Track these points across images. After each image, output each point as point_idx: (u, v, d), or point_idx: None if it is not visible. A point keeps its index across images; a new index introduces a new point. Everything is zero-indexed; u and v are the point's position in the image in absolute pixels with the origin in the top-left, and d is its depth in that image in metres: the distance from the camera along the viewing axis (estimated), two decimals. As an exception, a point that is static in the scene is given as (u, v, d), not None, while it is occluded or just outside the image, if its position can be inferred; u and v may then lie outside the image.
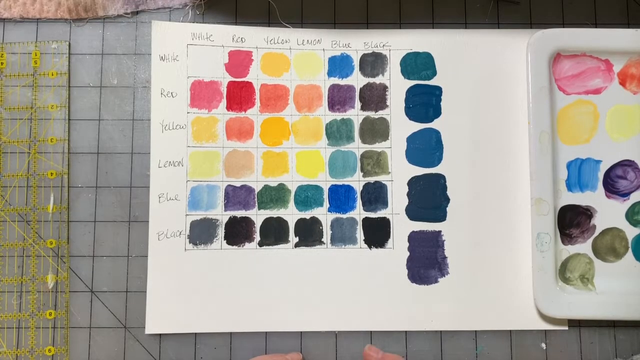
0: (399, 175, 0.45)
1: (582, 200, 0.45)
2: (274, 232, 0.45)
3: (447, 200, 0.45)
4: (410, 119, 0.46)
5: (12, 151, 0.45)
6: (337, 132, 0.46)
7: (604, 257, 0.45)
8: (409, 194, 0.45)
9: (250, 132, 0.46)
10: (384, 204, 0.45)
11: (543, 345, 0.44)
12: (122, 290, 0.44)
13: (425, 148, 0.46)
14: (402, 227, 0.45)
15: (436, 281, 0.44)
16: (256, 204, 0.45)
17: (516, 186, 0.45)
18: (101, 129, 0.46)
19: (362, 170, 0.45)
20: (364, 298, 0.44)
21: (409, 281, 0.44)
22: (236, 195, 0.45)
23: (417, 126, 0.46)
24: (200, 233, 0.44)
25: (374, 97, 0.46)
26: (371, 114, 0.46)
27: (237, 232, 0.45)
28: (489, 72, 0.46)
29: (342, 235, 0.45)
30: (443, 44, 0.46)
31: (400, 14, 0.47)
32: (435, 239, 0.45)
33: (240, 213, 0.45)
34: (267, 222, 0.45)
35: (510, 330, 0.44)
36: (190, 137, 0.45)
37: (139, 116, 0.46)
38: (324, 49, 0.46)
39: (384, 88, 0.46)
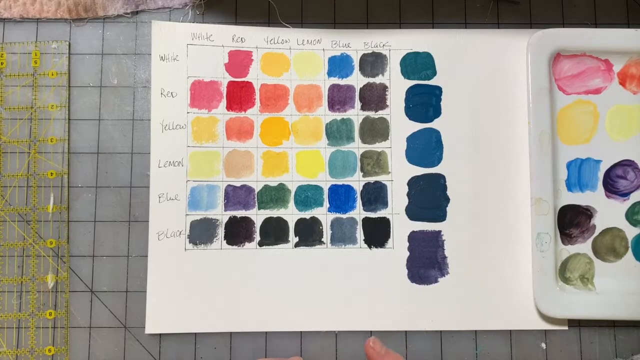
0: (399, 175, 0.45)
1: (582, 200, 0.45)
2: (274, 232, 0.45)
3: (447, 200, 0.45)
4: (410, 119, 0.46)
5: (12, 151, 0.45)
6: (337, 132, 0.46)
7: (604, 257, 0.45)
8: (409, 194, 0.45)
9: (250, 132, 0.46)
10: (384, 203, 0.45)
11: (543, 345, 0.44)
12: (122, 290, 0.44)
13: (425, 148, 0.46)
14: (402, 227, 0.45)
15: (436, 281, 0.44)
16: (256, 204, 0.45)
17: (516, 186, 0.45)
18: (101, 129, 0.46)
19: (362, 170, 0.45)
20: (364, 298, 0.44)
21: (409, 281, 0.44)
22: (236, 195, 0.45)
23: (417, 126, 0.46)
24: (200, 233, 0.44)
25: (374, 97, 0.46)
26: (371, 114, 0.46)
27: (237, 232, 0.45)
28: (489, 72, 0.46)
29: (342, 235, 0.45)
30: (443, 44, 0.46)
31: (400, 14, 0.47)
32: (435, 239, 0.45)
33: (240, 213, 0.45)
34: (267, 222, 0.45)
35: (510, 330, 0.44)
36: (190, 137, 0.45)
37: (139, 116, 0.46)
38: (324, 49, 0.46)
39: (384, 88, 0.46)
